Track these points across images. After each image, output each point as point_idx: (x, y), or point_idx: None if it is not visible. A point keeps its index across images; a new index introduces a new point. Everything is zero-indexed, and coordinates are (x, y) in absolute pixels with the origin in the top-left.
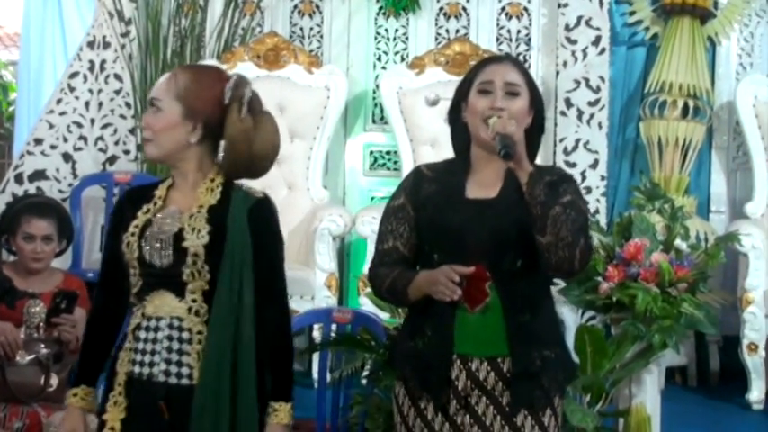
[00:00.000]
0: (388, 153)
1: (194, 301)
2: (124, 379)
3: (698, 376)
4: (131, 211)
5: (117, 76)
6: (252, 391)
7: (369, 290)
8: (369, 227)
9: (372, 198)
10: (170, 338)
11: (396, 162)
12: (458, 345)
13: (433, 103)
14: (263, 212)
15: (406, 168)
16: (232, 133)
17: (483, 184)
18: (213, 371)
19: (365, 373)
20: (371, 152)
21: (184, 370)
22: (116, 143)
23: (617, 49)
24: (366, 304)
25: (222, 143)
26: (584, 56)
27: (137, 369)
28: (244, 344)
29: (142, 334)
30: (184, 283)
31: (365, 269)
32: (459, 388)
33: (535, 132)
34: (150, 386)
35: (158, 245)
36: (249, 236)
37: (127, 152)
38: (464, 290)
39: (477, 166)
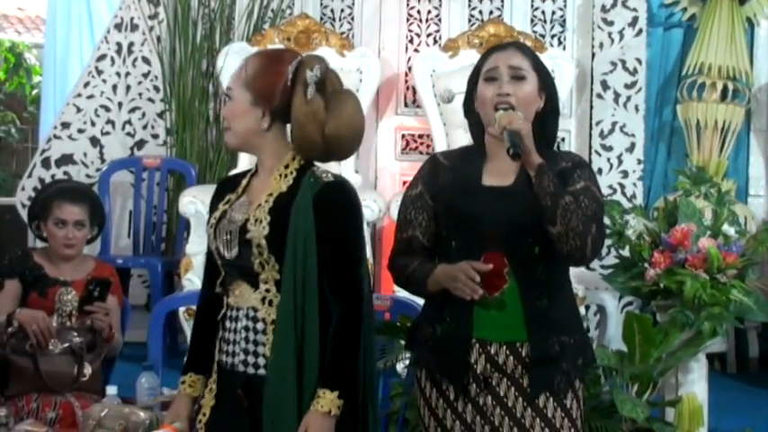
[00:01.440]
0: (420, 137)
1: (268, 291)
2: (216, 367)
3: (737, 363)
4: (217, 203)
5: (145, 59)
6: (314, 379)
7: None
8: None
9: (404, 182)
10: (247, 329)
11: (428, 146)
12: (477, 329)
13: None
14: (330, 198)
15: None
16: (298, 116)
17: (499, 172)
18: (280, 361)
19: (405, 362)
20: (403, 135)
21: (261, 360)
22: (144, 127)
23: (653, 30)
24: (401, 290)
25: (289, 127)
26: (621, 37)
27: (224, 358)
28: (309, 334)
29: (228, 324)
30: (257, 274)
31: None
32: (479, 371)
33: (548, 115)
34: (232, 375)
35: (227, 237)
36: (313, 223)
37: (155, 136)
38: (483, 276)
39: (492, 153)
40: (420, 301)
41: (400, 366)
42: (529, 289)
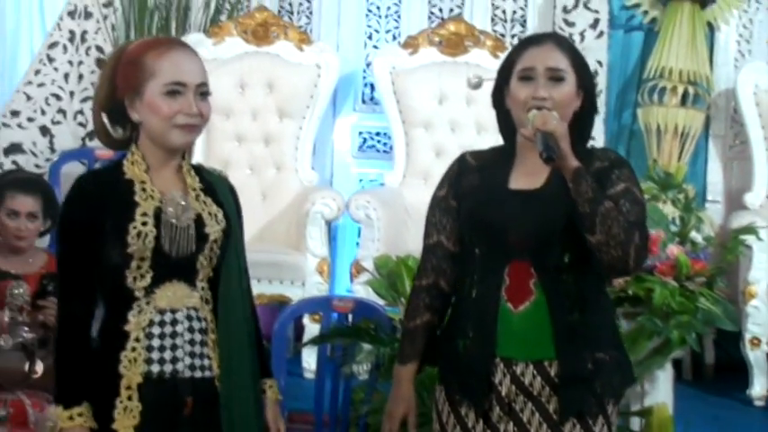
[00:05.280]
0: (377, 134)
1: (203, 288)
2: (137, 381)
3: (692, 370)
4: (120, 198)
5: (99, 48)
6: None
7: (362, 277)
8: (363, 211)
9: (360, 180)
10: (191, 331)
11: (386, 144)
12: (501, 347)
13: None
14: (235, 193)
15: (398, 150)
16: None
17: (528, 173)
18: (235, 359)
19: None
20: (360, 133)
21: (206, 362)
22: None
23: (614, 32)
24: (358, 291)
25: None
26: (582, 39)
27: (155, 368)
28: (249, 327)
29: (156, 330)
30: (197, 271)
31: (358, 254)
32: (503, 393)
33: (586, 114)
34: (175, 383)
35: (179, 233)
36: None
37: None
38: (507, 288)
39: (523, 153)
40: (381, 303)
41: (361, 369)
42: (558, 301)
